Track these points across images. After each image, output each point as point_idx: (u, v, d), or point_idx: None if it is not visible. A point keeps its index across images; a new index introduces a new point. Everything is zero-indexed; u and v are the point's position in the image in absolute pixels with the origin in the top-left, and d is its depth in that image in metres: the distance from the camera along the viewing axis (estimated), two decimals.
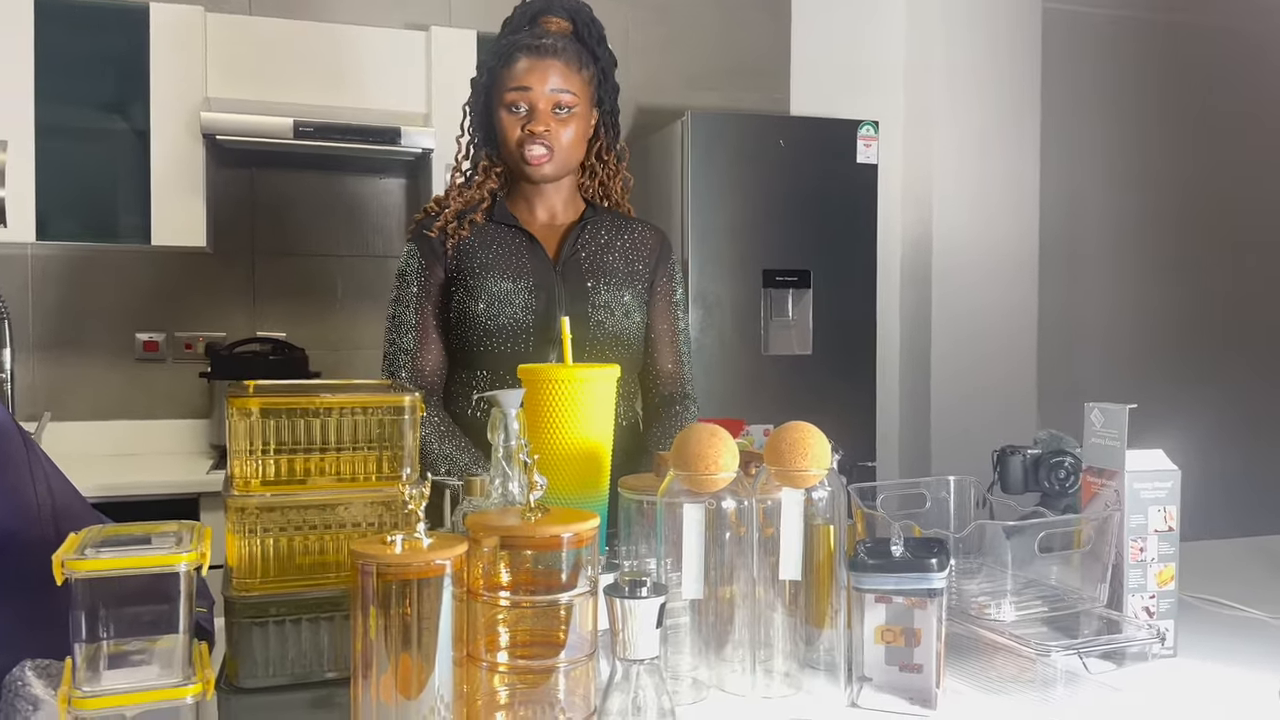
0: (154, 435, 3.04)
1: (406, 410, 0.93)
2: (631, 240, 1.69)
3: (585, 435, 1.05)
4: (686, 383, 1.73)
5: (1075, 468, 1.43)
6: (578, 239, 1.65)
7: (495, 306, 1.55)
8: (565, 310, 1.57)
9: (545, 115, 1.56)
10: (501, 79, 1.58)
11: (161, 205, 2.78)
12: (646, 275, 1.68)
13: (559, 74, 1.57)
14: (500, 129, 1.59)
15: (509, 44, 1.59)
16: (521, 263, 1.60)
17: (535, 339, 1.56)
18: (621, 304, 1.62)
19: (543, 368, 1.09)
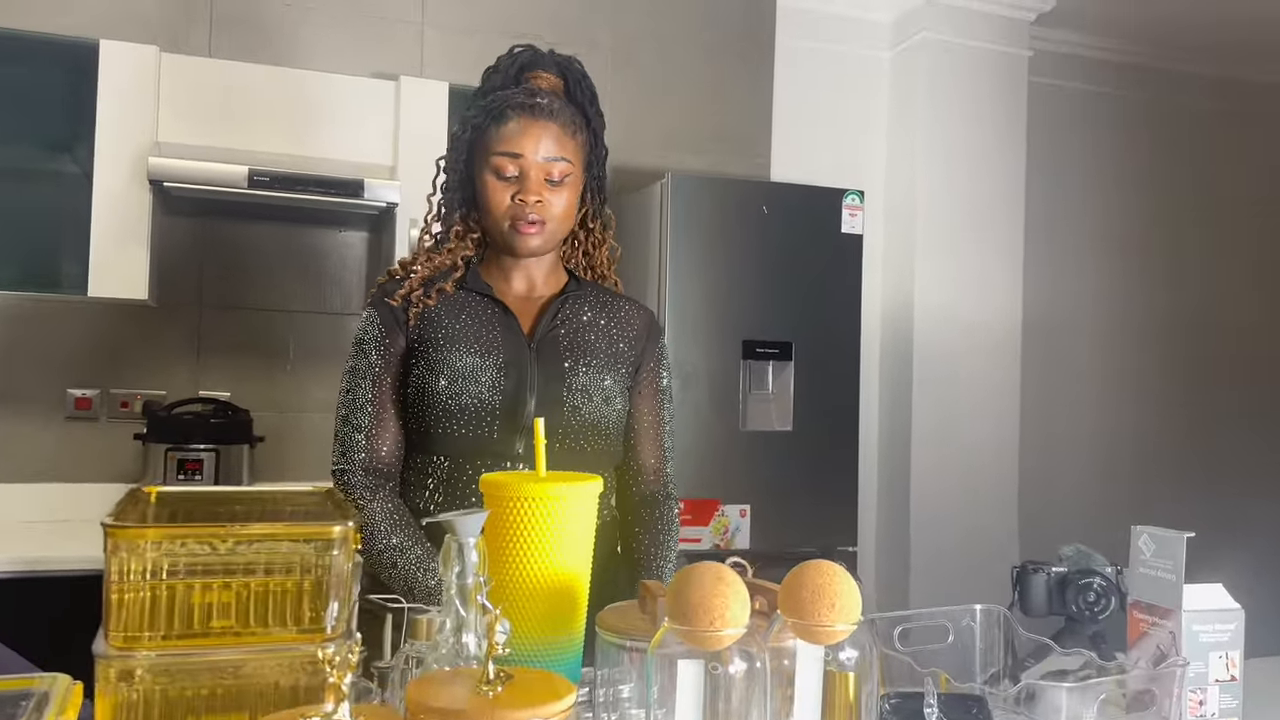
0: (84, 501, 2.80)
1: (337, 543, 0.75)
2: (617, 319, 1.53)
3: (561, 565, 0.87)
4: (669, 481, 1.56)
5: (1106, 590, 1.27)
6: (557, 314, 1.48)
7: (458, 384, 1.38)
8: (537, 392, 1.40)
9: (538, 184, 1.41)
10: (489, 138, 1.42)
11: (101, 254, 2.58)
12: (631, 358, 1.51)
13: (554, 139, 1.42)
14: (485, 194, 1.43)
15: (498, 100, 1.44)
16: (492, 336, 1.43)
17: (501, 423, 1.39)
18: (601, 388, 1.44)
19: (509, 480, 0.90)
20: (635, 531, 1.50)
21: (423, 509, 1.41)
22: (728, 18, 3.45)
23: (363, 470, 1.41)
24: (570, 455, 1.40)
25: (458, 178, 1.49)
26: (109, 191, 2.58)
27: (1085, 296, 4.07)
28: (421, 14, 3.11)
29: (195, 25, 2.88)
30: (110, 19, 2.78)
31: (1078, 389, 4.04)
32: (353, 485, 1.40)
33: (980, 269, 3.60)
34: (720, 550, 2.76)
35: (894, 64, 3.74)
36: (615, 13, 3.30)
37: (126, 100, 2.59)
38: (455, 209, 1.50)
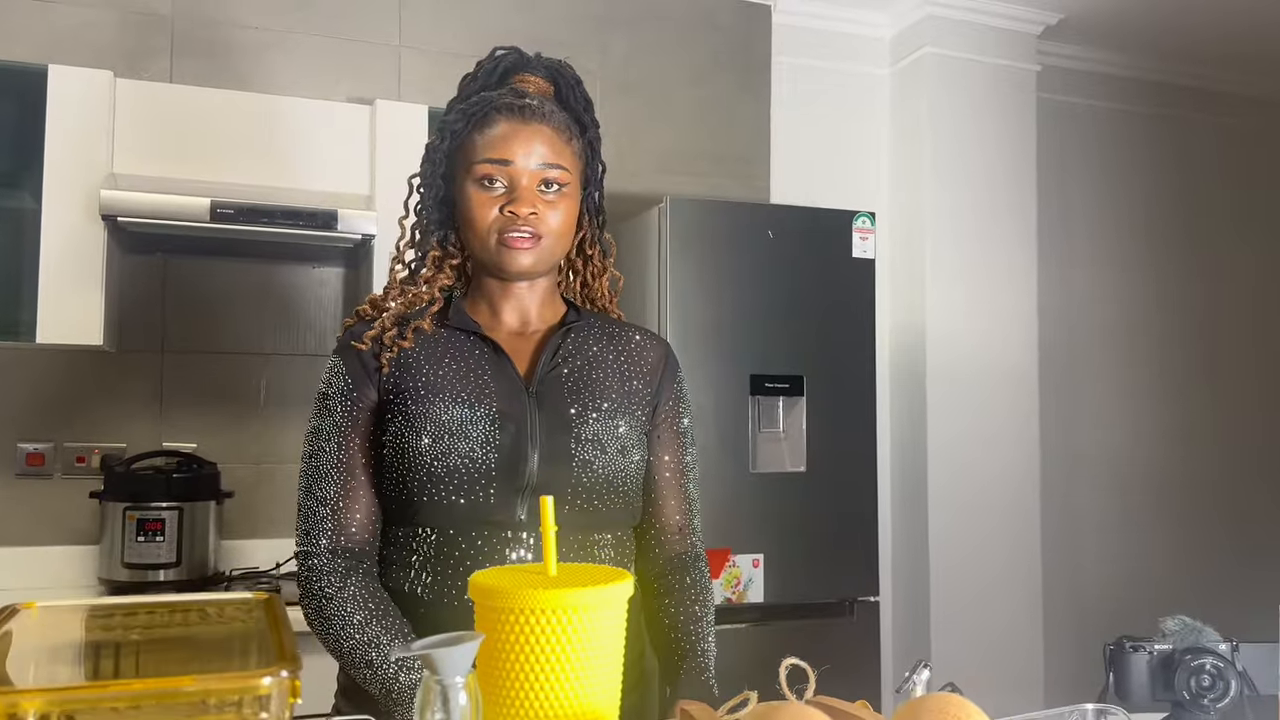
0: (35, 565, 2.57)
1: (273, 700, 0.53)
2: (628, 352, 1.29)
3: (585, 703, 0.65)
4: (696, 537, 1.34)
5: (1221, 672, 1.06)
6: (558, 350, 1.25)
7: (445, 441, 1.15)
8: (540, 446, 1.17)
9: (530, 194, 1.20)
10: (471, 145, 1.21)
11: (52, 297, 2.36)
12: (647, 398, 1.28)
13: (547, 143, 1.21)
14: (467, 208, 1.21)
15: (481, 102, 1.23)
16: (482, 381, 1.20)
17: (499, 485, 1.16)
18: (615, 437, 1.21)
19: (508, 585, 0.68)
20: (664, 602, 1.27)
21: (408, 591, 1.18)
22: (722, 36, 3.28)
23: (329, 552, 1.18)
24: (581, 518, 1.19)
25: (435, 194, 1.27)
26: (59, 228, 2.37)
27: (1102, 312, 3.89)
28: (399, 35, 2.93)
29: (154, 49, 2.69)
30: (61, 43, 2.59)
31: (1098, 409, 3.86)
32: (317, 571, 1.17)
33: (993, 291, 3.42)
34: (732, 604, 2.54)
35: (895, 81, 3.58)
36: (606, 33, 3.13)
37: (78, 130, 2.39)
38: (432, 231, 1.28)
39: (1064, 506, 3.71)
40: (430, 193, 1.27)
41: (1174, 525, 3.90)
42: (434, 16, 2.95)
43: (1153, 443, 3.91)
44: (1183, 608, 1.20)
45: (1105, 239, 3.91)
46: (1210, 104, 4.07)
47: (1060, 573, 3.62)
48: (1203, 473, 3.96)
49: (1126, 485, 3.87)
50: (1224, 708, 1.05)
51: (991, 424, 3.36)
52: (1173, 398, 3.96)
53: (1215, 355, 4.05)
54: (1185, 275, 4.01)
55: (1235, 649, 1.08)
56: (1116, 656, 1.10)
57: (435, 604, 1.16)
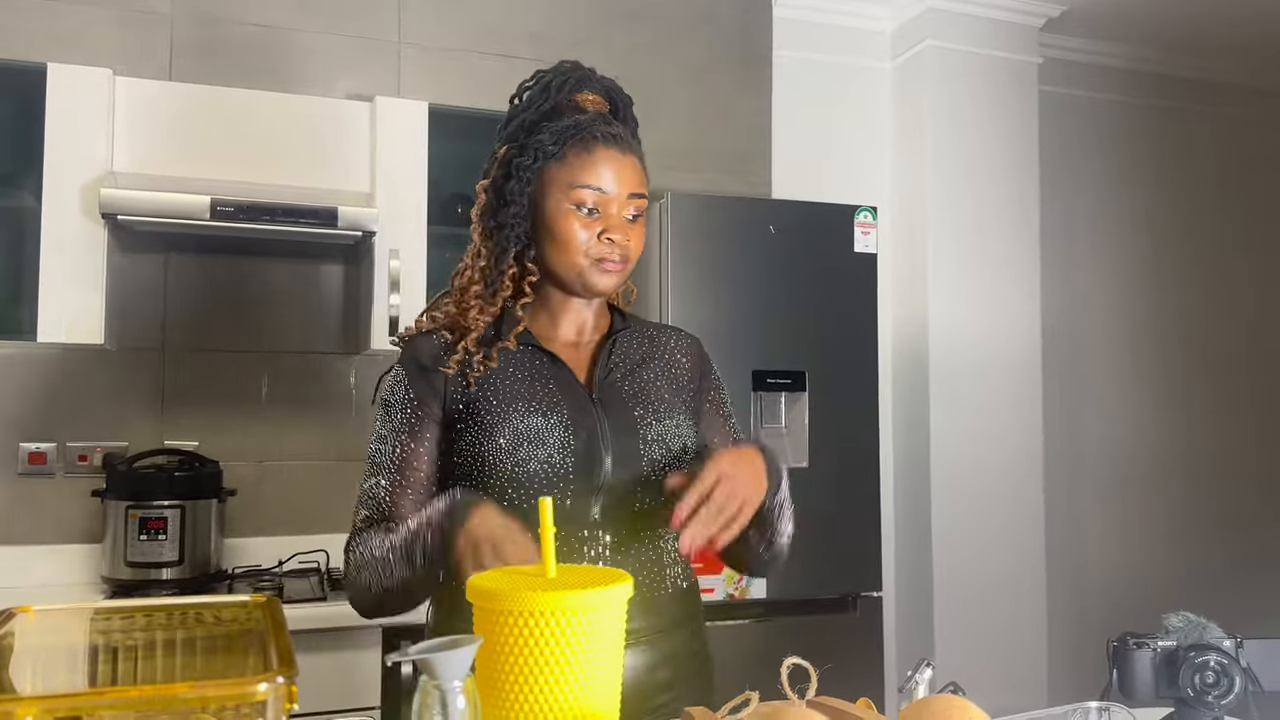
0: (37, 565, 2.57)
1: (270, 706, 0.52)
2: (668, 353, 1.38)
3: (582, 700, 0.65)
4: None
5: (1226, 668, 1.06)
6: (610, 357, 1.33)
7: (524, 449, 1.22)
8: (612, 448, 1.24)
9: (620, 221, 1.27)
10: (566, 169, 1.27)
11: (52, 296, 2.36)
12: (691, 392, 1.37)
13: (634, 174, 1.29)
14: (561, 229, 1.26)
15: (576, 127, 1.28)
16: (549, 391, 1.27)
17: (576, 487, 1.22)
18: (677, 435, 1.29)
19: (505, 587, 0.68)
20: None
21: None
22: (722, 31, 3.27)
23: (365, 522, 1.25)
24: (653, 518, 1.26)
25: (516, 211, 1.29)
26: (59, 227, 2.37)
27: (1105, 306, 3.88)
28: (398, 32, 2.92)
29: (154, 47, 2.68)
30: (60, 42, 2.58)
31: (1102, 402, 3.85)
32: (352, 535, 1.25)
33: (995, 285, 3.41)
34: (735, 601, 2.54)
35: (897, 75, 3.57)
36: (606, 28, 3.11)
37: (77, 128, 2.39)
38: (512, 246, 1.30)
39: (1067, 500, 3.70)
40: (514, 208, 1.29)
41: (1178, 521, 3.89)
42: (434, 13, 2.95)
43: (1156, 436, 3.90)
44: (1186, 604, 1.19)
45: (1108, 232, 3.90)
46: (1213, 95, 4.05)
47: (1064, 568, 3.61)
48: (1206, 467, 3.95)
49: (1130, 479, 3.86)
50: (1228, 704, 1.04)
51: (994, 418, 3.35)
52: (1176, 391, 3.95)
53: (1219, 348, 4.04)
54: (1188, 268, 4.00)
55: (1239, 645, 1.07)
56: (1120, 653, 1.10)
57: None
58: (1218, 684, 1.05)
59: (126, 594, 2.39)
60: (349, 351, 2.83)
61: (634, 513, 1.24)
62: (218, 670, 0.63)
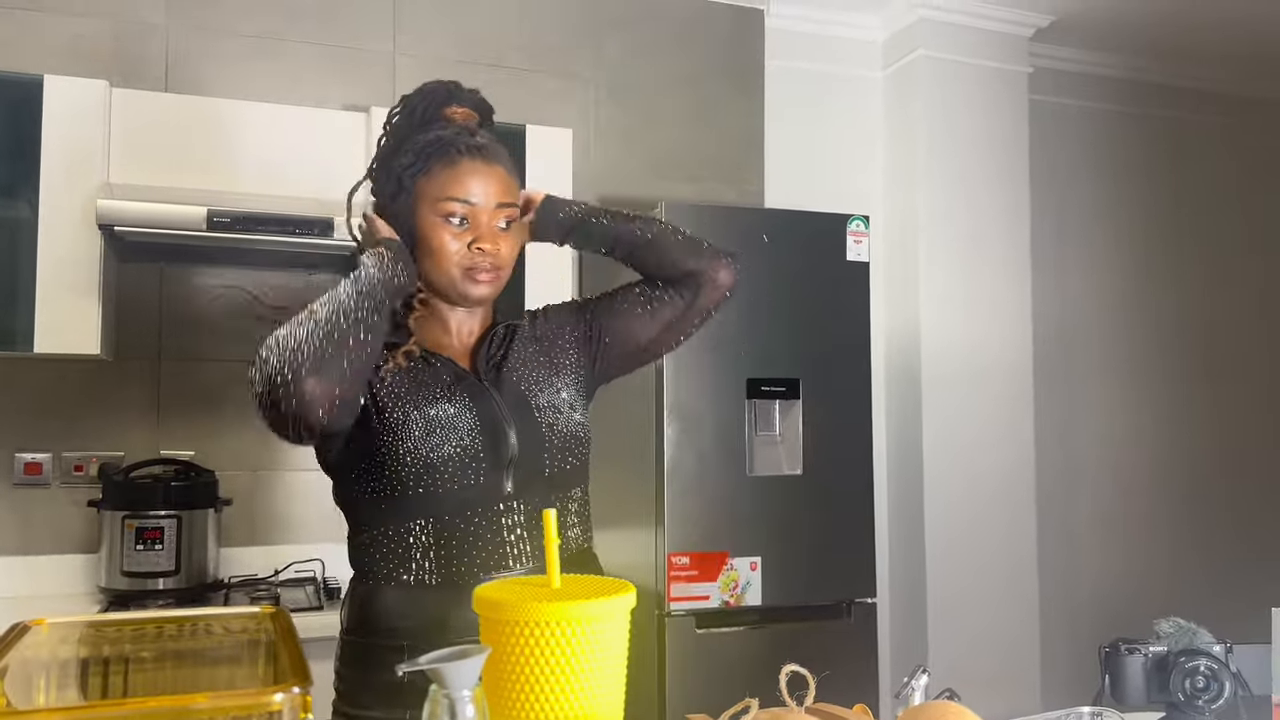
0: (34, 575, 2.57)
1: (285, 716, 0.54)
2: (537, 328, 1.46)
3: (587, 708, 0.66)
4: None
5: (1216, 673, 1.07)
6: (490, 348, 1.40)
7: (438, 435, 1.27)
8: (513, 421, 1.32)
9: (491, 231, 1.32)
10: (433, 183, 1.31)
11: (49, 306, 2.37)
12: (574, 356, 1.45)
13: (501, 183, 1.34)
14: (433, 241, 1.31)
15: (439, 142, 1.33)
16: (446, 383, 1.33)
17: (488, 466, 1.29)
18: (564, 400, 1.39)
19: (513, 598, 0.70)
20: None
21: (414, 583, 1.27)
22: (715, 40, 3.29)
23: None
24: (558, 479, 1.35)
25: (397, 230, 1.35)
26: (56, 238, 2.38)
27: (1096, 313, 3.91)
28: (393, 43, 2.93)
29: (149, 58, 2.69)
30: (55, 54, 2.59)
31: (1094, 409, 3.88)
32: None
33: (987, 293, 3.44)
34: (730, 608, 2.55)
35: (888, 84, 3.60)
36: (598, 38, 3.14)
37: (73, 139, 2.40)
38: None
39: (1059, 508, 3.73)
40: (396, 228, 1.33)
41: (1170, 527, 3.92)
42: (428, 23, 2.96)
43: (1147, 444, 3.93)
44: (1178, 610, 1.21)
45: (1099, 240, 3.93)
46: (1203, 104, 4.09)
47: (1057, 574, 3.64)
48: (1197, 475, 3.98)
49: (1122, 486, 3.88)
50: (1219, 709, 1.06)
51: (987, 425, 3.37)
52: (1168, 400, 3.98)
53: (1211, 358, 4.07)
54: (1180, 276, 4.03)
55: (1229, 650, 1.09)
56: (1112, 658, 1.12)
57: (445, 586, 1.25)
58: (1208, 689, 1.06)
59: (123, 604, 2.40)
60: None
61: (544, 478, 1.32)
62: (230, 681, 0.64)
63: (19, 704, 0.56)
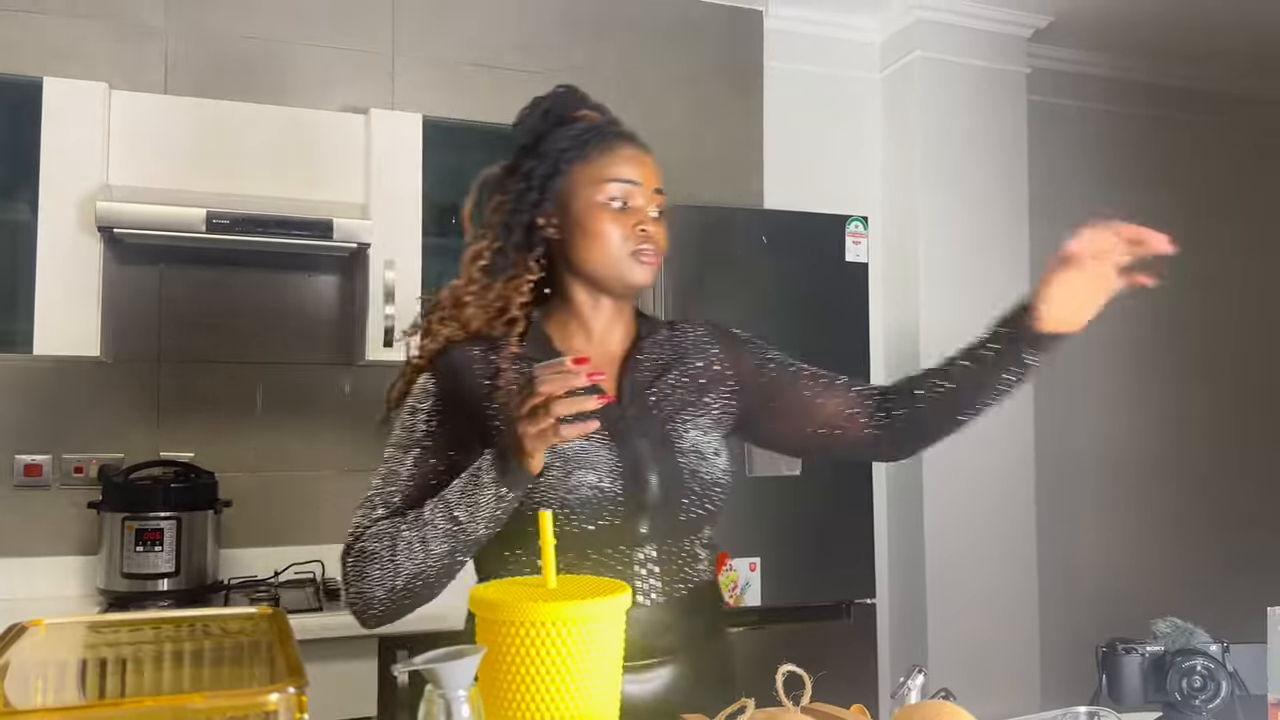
0: (34, 577, 2.57)
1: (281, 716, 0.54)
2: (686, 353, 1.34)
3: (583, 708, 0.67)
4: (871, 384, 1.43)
5: (1212, 673, 1.08)
6: (637, 370, 1.30)
7: (576, 476, 1.19)
8: (654, 463, 1.22)
9: (648, 215, 1.28)
10: (593, 167, 1.27)
11: (48, 308, 2.37)
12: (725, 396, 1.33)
13: (655, 171, 1.30)
14: (594, 225, 1.26)
15: (594, 128, 1.31)
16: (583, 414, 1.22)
17: (625, 508, 1.20)
18: (708, 441, 1.28)
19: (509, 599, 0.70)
20: (926, 389, 1.38)
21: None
22: (714, 42, 3.29)
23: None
24: (691, 524, 1.26)
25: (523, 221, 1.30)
26: (55, 240, 2.38)
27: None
28: (392, 45, 2.94)
29: (149, 60, 2.70)
30: (55, 56, 2.59)
31: (1093, 408, 3.88)
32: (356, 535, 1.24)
33: (986, 294, 3.42)
34: (730, 608, 2.55)
35: (886, 85, 3.60)
36: (597, 40, 3.14)
37: (73, 142, 2.40)
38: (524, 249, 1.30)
39: (1059, 508, 3.73)
40: (520, 218, 1.29)
41: (1170, 526, 3.92)
42: (428, 25, 2.97)
43: (1147, 444, 3.93)
44: (1180, 609, 1.21)
45: None
46: (1200, 103, 4.10)
47: (1056, 574, 3.64)
48: (1198, 472, 3.98)
49: (1121, 487, 3.88)
50: (1215, 708, 1.06)
51: (985, 425, 3.34)
52: (1167, 399, 3.98)
53: (1209, 357, 4.07)
54: (1178, 276, 4.01)
55: (1226, 650, 1.09)
56: (1109, 658, 1.12)
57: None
58: (1205, 688, 1.07)
59: (123, 606, 2.40)
60: (344, 362, 2.84)
61: (676, 524, 1.24)
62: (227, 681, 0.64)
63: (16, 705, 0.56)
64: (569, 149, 1.28)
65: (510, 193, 1.31)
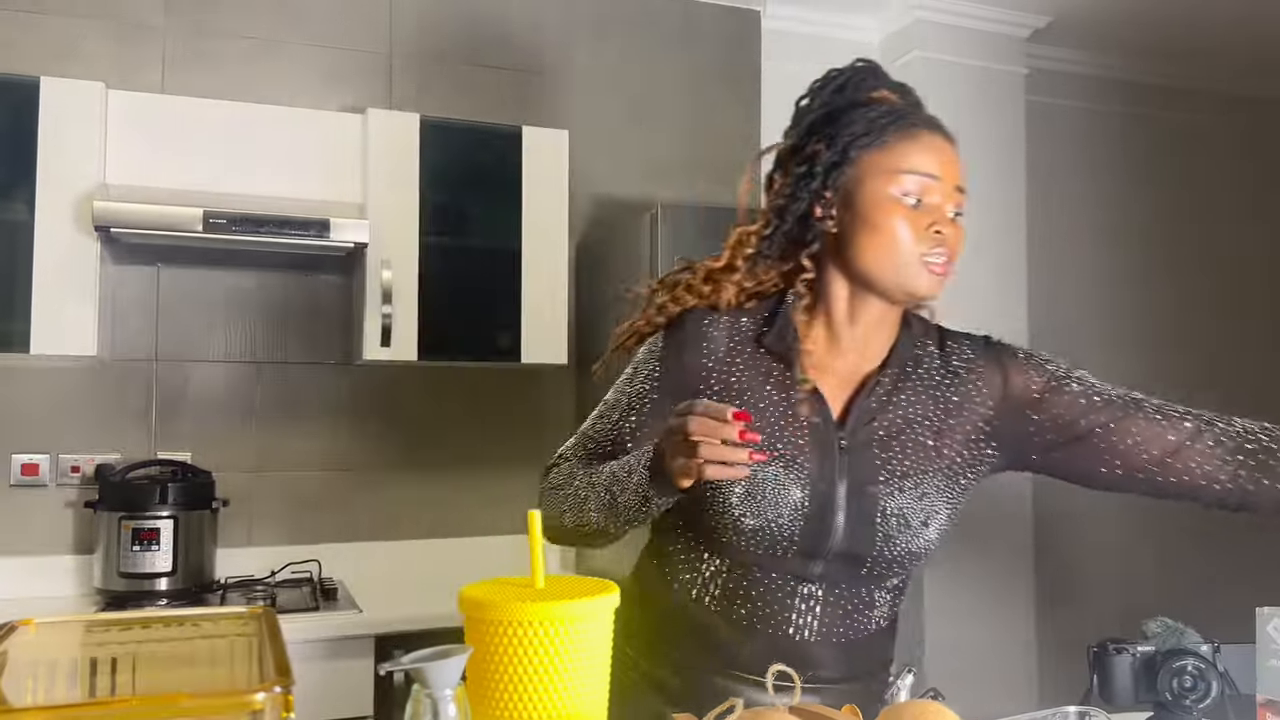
0: (31, 576, 2.57)
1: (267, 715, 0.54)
2: (953, 396, 1.18)
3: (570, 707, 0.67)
4: (1193, 414, 1.25)
5: (1203, 673, 1.08)
6: (875, 390, 1.16)
7: (757, 501, 1.09)
8: (848, 519, 1.11)
9: (945, 216, 1.13)
10: (889, 155, 1.13)
11: (45, 308, 2.37)
12: (967, 458, 1.17)
13: (959, 165, 1.15)
14: (881, 221, 1.11)
15: (894, 112, 1.15)
16: (796, 431, 1.12)
17: (800, 548, 1.12)
18: (920, 509, 1.13)
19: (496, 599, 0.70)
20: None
21: (694, 597, 1.16)
22: (711, 42, 3.30)
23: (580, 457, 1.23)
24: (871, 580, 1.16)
25: (798, 210, 1.17)
26: (52, 239, 2.38)
27: (1093, 314, 3.91)
28: (389, 44, 2.94)
29: (146, 60, 2.70)
30: (52, 55, 2.59)
31: None
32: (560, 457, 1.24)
33: (983, 293, 3.43)
34: None
35: None
36: (594, 39, 3.14)
37: (70, 141, 2.40)
38: (795, 241, 1.18)
39: (1057, 505, 3.73)
40: (797, 205, 1.17)
41: (1167, 526, 3.92)
42: (424, 25, 2.97)
43: None
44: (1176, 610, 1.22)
45: (1096, 240, 3.93)
46: (1199, 103, 4.10)
47: (1054, 575, 3.64)
48: None
49: None
50: (1206, 708, 1.07)
51: None
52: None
53: (1208, 357, 4.07)
54: (1176, 276, 4.03)
55: (1217, 650, 1.09)
56: (1100, 659, 1.12)
57: (722, 616, 1.15)
58: (1195, 688, 1.07)
59: (120, 605, 2.40)
60: (341, 362, 2.84)
61: (858, 575, 1.14)
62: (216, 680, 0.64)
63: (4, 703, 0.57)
64: (862, 134, 1.13)
65: (790, 175, 1.19)
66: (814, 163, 1.15)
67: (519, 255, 2.71)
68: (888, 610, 1.20)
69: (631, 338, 1.26)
